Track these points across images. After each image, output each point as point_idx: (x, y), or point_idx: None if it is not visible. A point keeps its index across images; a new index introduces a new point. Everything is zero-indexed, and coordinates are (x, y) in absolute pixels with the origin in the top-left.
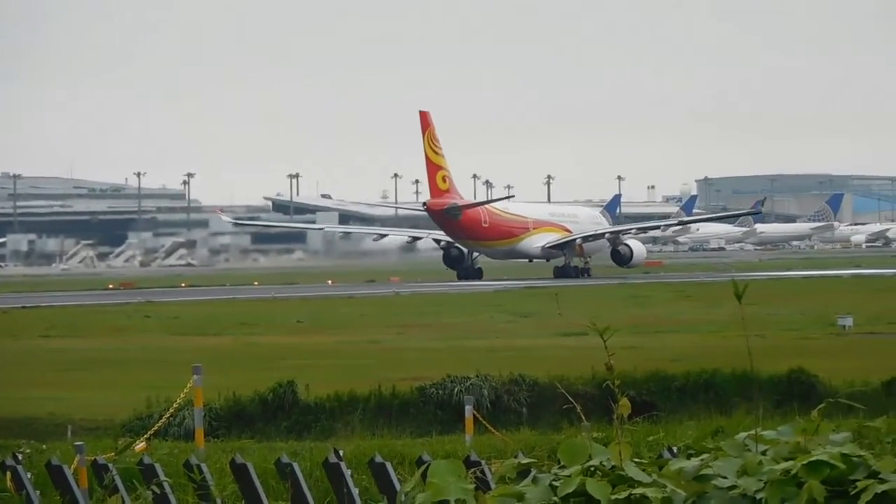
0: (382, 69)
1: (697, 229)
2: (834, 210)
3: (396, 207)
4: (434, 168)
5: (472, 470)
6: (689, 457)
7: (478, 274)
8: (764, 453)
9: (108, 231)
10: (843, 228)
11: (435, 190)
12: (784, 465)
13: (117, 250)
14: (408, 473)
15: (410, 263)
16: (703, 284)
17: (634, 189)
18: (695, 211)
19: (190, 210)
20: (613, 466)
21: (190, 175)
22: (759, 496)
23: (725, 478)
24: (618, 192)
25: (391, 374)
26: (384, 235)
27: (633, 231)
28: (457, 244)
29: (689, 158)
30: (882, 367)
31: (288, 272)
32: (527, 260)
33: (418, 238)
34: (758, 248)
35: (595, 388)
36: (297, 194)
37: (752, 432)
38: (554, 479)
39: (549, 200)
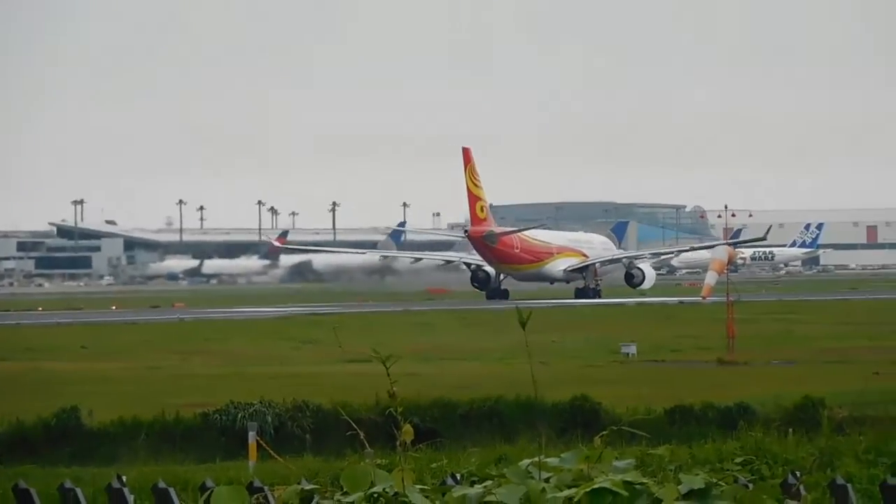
0: (167, 91)
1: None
2: (619, 238)
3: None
4: (474, 199)
5: (255, 496)
6: (472, 484)
7: (504, 294)
8: (547, 480)
9: None
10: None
11: (475, 219)
12: (567, 492)
13: None
14: (191, 500)
15: (196, 290)
16: (487, 312)
17: (420, 216)
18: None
19: None
20: (396, 493)
21: None
22: None
23: None
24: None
25: (175, 400)
26: (419, 259)
27: (647, 256)
28: (483, 268)
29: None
30: (665, 394)
31: (72, 297)
32: (549, 283)
33: (451, 261)
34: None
35: (379, 415)
36: (82, 220)
37: (536, 459)
38: None
39: (333, 227)
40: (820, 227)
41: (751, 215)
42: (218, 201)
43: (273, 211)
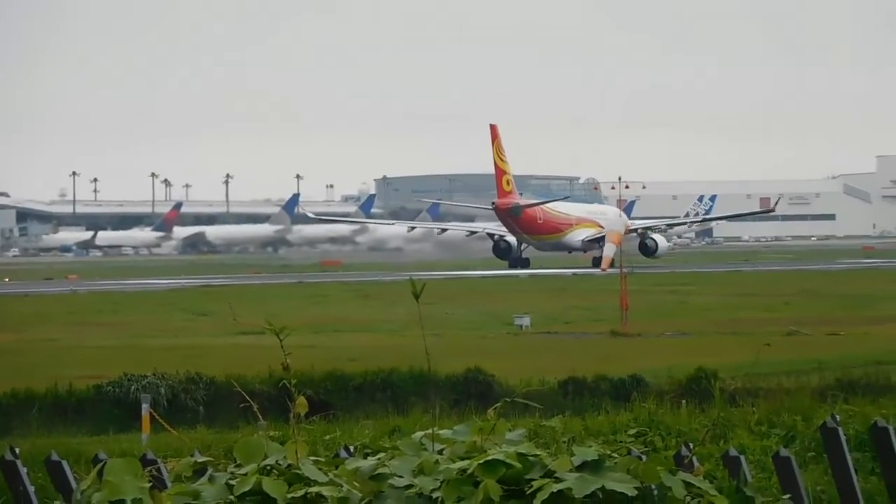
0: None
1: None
2: None
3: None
4: (500, 173)
5: (148, 469)
6: (365, 456)
7: (525, 263)
8: (440, 452)
9: None
10: None
11: (501, 192)
12: (460, 464)
13: None
14: (85, 472)
15: (90, 262)
16: (381, 284)
17: (313, 188)
18: (373, 210)
19: None
20: (290, 465)
21: None
22: (435, 495)
23: (402, 477)
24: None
25: (68, 372)
26: (445, 230)
27: (662, 227)
28: (505, 238)
29: (368, 157)
30: (558, 366)
31: None
32: (567, 252)
33: (475, 232)
34: (436, 247)
35: (272, 387)
36: None
37: (429, 431)
38: (230, 478)
39: (227, 200)
40: (713, 198)
41: (644, 187)
42: (112, 173)
43: (167, 183)
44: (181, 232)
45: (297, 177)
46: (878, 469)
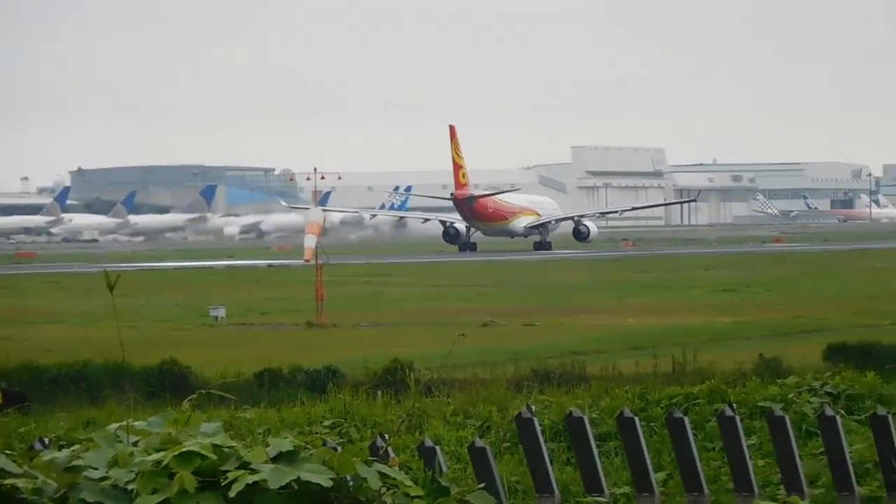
0: None
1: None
2: (208, 201)
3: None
4: (457, 167)
5: None
6: (60, 448)
7: (473, 247)
8: (136, 444)
9: None
10: (216, 220)
11: (458, 184)
12: (155, 455)
13: None
14: None
15: None
16: (76, 275)
17: (7, 180)
18: (68, 202)
19: None
20: None
21: None
22: (130, 487)
23: (96, 469)
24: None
25: None
26: (402, 218)
27: (595, 215)
28: (455, 224)
29: (64, 148)
30: (254, 357)
31: None
32: (510, 237)
33: (429, 219)
34: (132, 238)
35: None
36: None
37: (124, 423)
38: None
39: None
40: (409, 189)
41: (340, 178)
42: None
43: None
44: None
45: None
46: (573, 458)
